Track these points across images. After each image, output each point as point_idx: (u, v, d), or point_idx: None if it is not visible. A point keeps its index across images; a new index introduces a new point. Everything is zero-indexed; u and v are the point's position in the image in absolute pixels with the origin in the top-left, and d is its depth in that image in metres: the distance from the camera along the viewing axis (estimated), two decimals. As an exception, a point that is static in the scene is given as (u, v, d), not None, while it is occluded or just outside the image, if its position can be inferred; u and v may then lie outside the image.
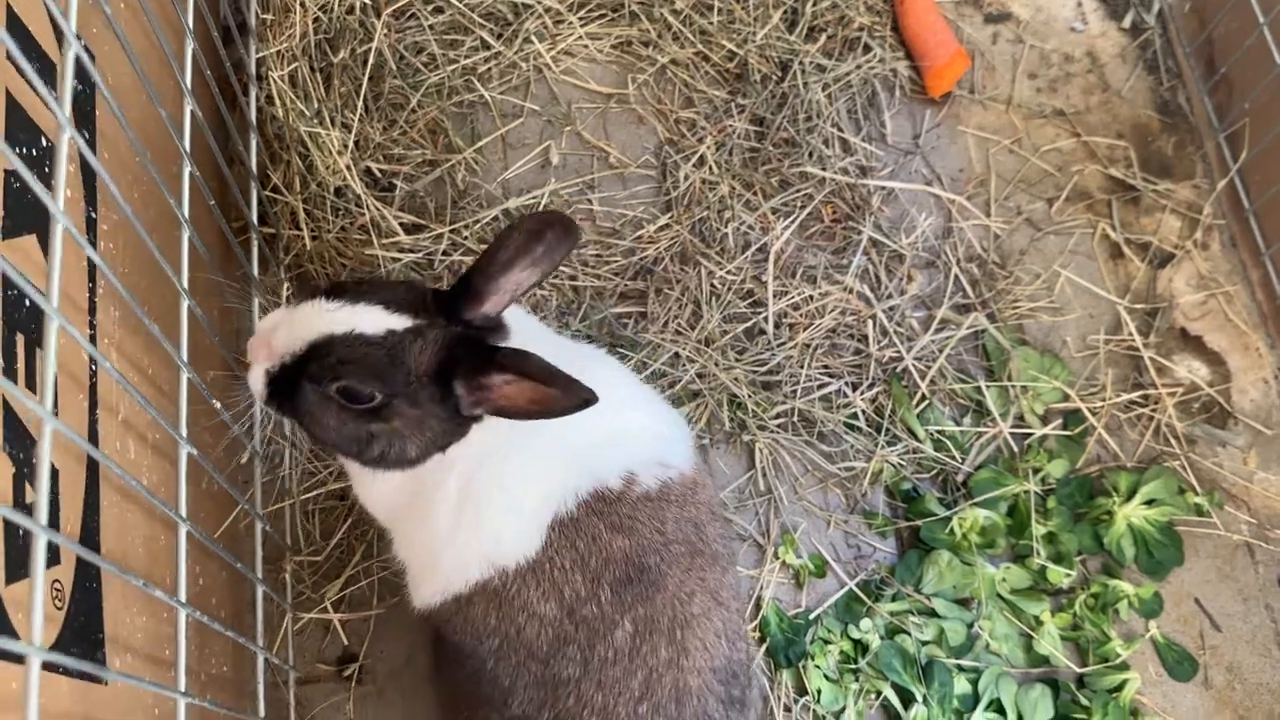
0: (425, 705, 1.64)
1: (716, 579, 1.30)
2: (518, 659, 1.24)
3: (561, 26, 2.07)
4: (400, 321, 1.18)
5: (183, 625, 1.14)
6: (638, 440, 1.32)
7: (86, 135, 1.28)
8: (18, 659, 1.03)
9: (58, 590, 1.11)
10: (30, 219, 1.12)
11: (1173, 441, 1.87)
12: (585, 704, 1.22)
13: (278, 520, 1.72)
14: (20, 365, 1.10)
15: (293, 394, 1.21)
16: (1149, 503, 1.80)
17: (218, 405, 1.34)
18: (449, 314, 1.21)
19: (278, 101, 1.81)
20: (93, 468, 1.24)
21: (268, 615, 1.61)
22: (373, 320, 1.18)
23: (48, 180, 1.12)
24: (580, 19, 2.07)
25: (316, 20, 1.89)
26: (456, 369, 1.19)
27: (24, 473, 1.07)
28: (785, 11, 2.09)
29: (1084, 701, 1.69)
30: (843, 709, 1.67)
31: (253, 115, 1.78)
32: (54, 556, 1.10)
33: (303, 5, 1.87)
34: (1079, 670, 1.72)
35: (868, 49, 2.09)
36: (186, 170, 1.32)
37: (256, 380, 1.24)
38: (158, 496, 1.31)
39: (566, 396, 1.11)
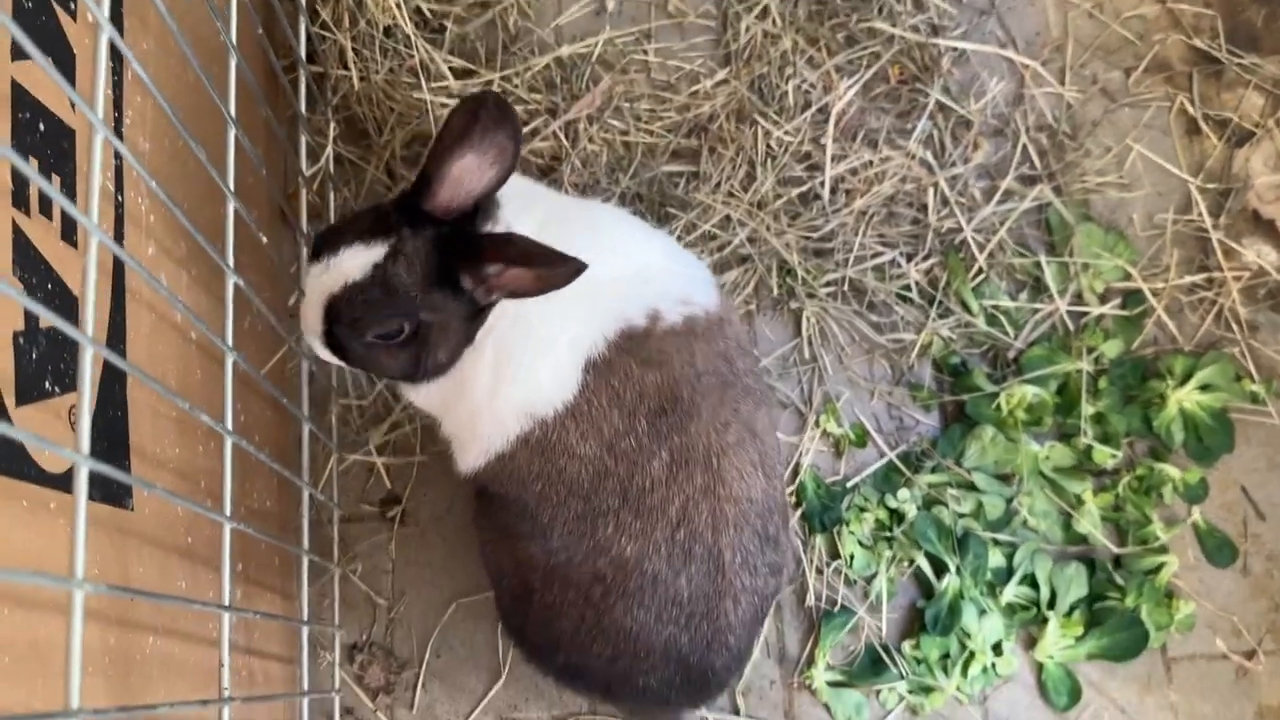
0: (466, 548, 1.67)
1: (750, 411, 1.32)
2: (559, 498, 1.28)
3: None
4: (377, 250, 1.21)
5: (229, 454, 1.15)
6: (659, 279, 1.34)
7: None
8: (46, 479, 1.05)
9: (75, 417, 1.12)
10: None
11: (1234, 327, 1.82)
12: (624, 531, 1.27)
13: (323, 364, 1.72)
14: (33, 191, 1.09)
15: (346, 353, 1.28)
16: (1203, 388, 1.76)
17: (263, 239, 1.33)
18: (414, 219, 1.22)
19: (324, -70, 1.74)
20: (119, 292, 1.23)
21: (312, 456, 1.63)
22: (355, 263, 1.21)
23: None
24: None
25: None
26: (456, 266, 1.21)
27: (36, 298, 1.06)
28: None
29: (1119, 581, 1.69)
30: (874, 575, 1.68)
31: (301, -57, 1.71)
32: (69, 382, 1.10)
33: None
34: (1116, 551, 1.72)
35: (947, -102, 1.97)
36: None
37: (321, 352, 1.31)
38: (197, 329, 1.31)
39: (558, 272, 1.13)
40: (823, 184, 1.82)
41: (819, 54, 1.88)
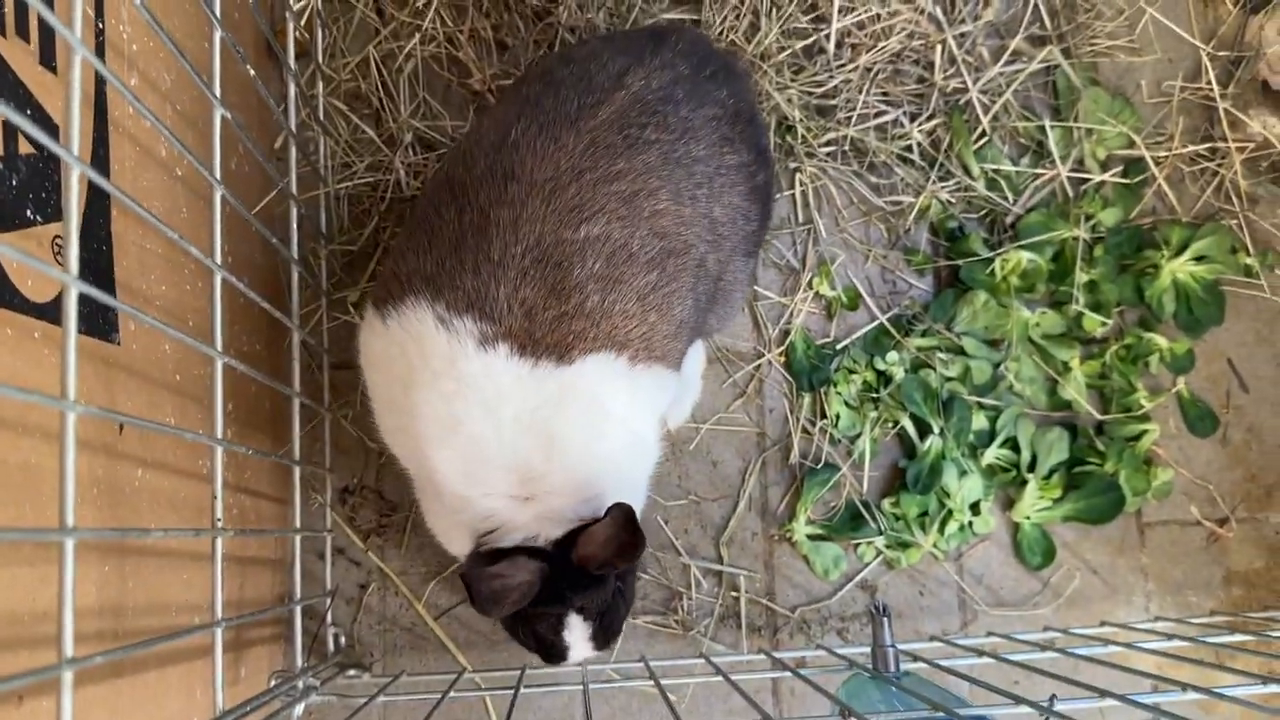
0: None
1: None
2: None
3: None
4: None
5: (218, 289, 1.14)
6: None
7: None
8: (31, 308, 1.04)
9: (58, 248, 1.10)
10: None
11: (1234, 199, 1.80)
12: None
13: (311, 208, 1.70)
14: (9, 8, 1.05)
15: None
16: (1198, 259, 1.76)
17: (251, 72, 1.29)
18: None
19: None
20: (101, 122, 1.20)
21: (302, 303, 1.62)
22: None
23: None
24: None
25: None
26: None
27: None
28: None
29: (1100, 448, 1.71)
30: (858, 434, 1.70)
31: None
32: (51, 212, 1.08)
33: None
34: (1099, 418, 1.74)
35: None
36: None
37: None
38: (183, 165, 1.28)
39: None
40: (828, 37, 1.76)
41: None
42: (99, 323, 1.18)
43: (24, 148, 1.07)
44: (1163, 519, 1.75)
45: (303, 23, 1.68)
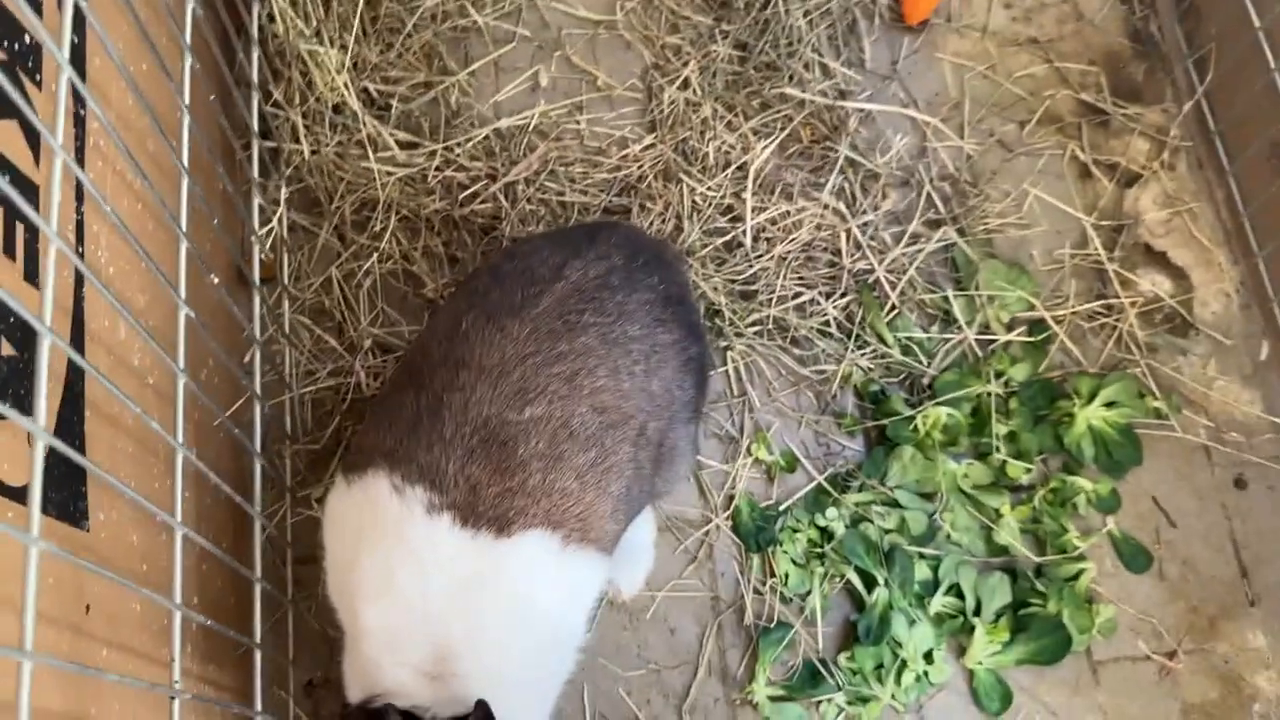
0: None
1: None
2: None
3: (552, -43, 2.16)
4: None
5: (179, 469, 1.24)
6: None
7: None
8: (2, 490, 1.13)
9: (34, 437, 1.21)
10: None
11: (1134, 349, 1.95)
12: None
13: (277, 411, 1.82)
14: None
15: None
16: (1109, 405, 1.88)
17: (214, 279, 1.44)
18: None
19: (278, 19, 1.90)
20: (78, 328, 1.33)
21: (266, 502, 1.71)
22: None
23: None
24: (570, -50, 2.16)
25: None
26: None
27: None
28: (767, -57, 2.17)
29: (1041, 589, 1.77)
30: (808, 591, 1.76)
31: (254, 29, 1.87)
32: (28, 410, 1.19)
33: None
34: (1037, 560, 1.81)
35: (846, -23, 2.17)
36: (187, 64, 1.42)
37: None
38: (155, 372, 1.40)
39: None
40: (744, 233, 1.96)
41: (736, 119, 2.04)
42: (70, 509, 1.28)
43: (6, 349, 1.20)
44: (1113, 656, 1.78)
45: (269, 245, 1.87)
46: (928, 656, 1.73)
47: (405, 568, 1.24)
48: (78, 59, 1.34)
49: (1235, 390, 1.96)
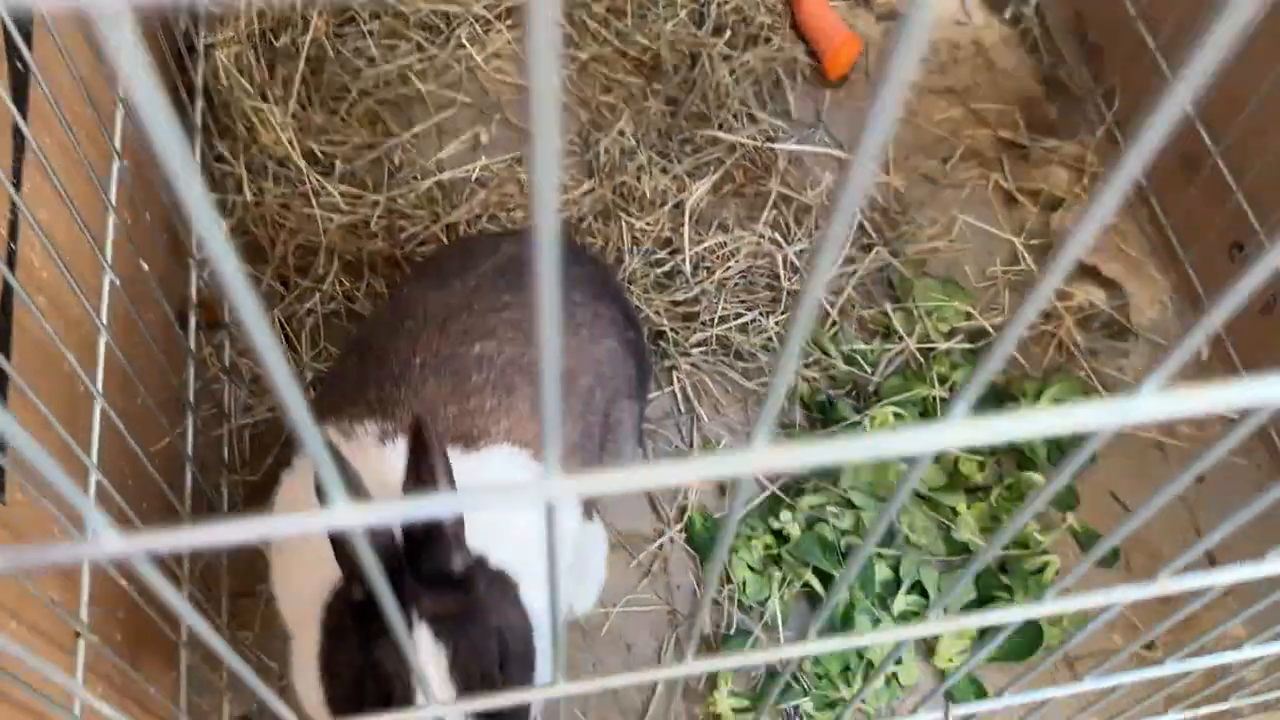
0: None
1: None
2: None
3: (490, 32, 2.28)
4: None
5: (92, 484, 1.22)
6: None
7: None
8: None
9: None
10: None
11: (1076, 354, 1.97)
12: None
13: (215, 444, 1.79)
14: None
15: None
16: (1056, 401, 1.88)
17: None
18: None
19: (223, 75, 1.99)
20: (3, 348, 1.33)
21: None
22: None
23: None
24: (508, 25, 2.29)
25: (261, 14, 2.10)
26: None
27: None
28: (691, 12, 2.31)
29: (1006, 583, 1.72)
30: (767, 597, 1.70)
31: (199, 80, 1.95)
32: None
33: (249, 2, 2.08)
34: (1000, 554, 1.76)
35: (769, 40, 2.30)
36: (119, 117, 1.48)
37: None
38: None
39: None
40: (684, 261, 2.00)
41: (671, 164, 2.12)
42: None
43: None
44: (1089, 650, 1.71)
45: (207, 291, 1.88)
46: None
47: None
48: (19, 98, 1.37)
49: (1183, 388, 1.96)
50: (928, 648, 1.70)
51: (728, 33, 2.29)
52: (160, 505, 1.66)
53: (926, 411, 1.86)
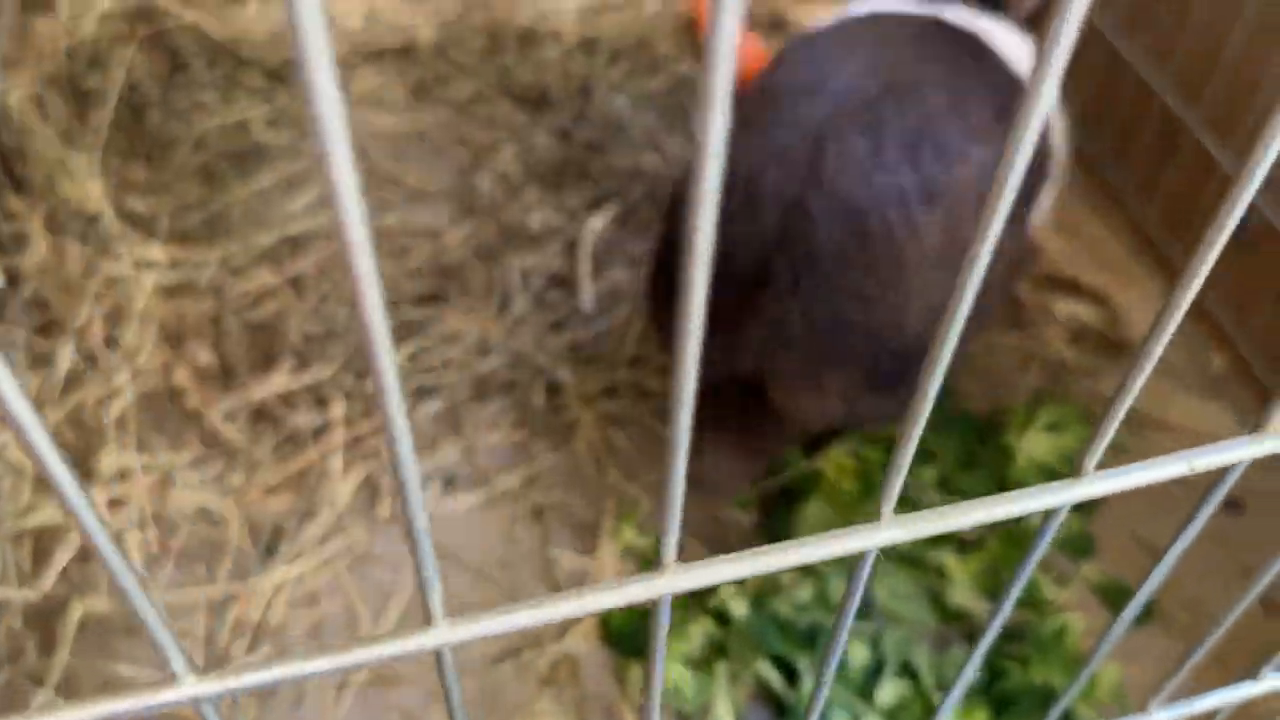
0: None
1: None
2: None
3: (351, 75, 1.99)
4: None
5: None
6: None
7: None
8: None
9: None
10: None
11: (1066, 375, 1.63)
12: None
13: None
14: None
15: None
16: (1050, 428, 1.53)
17: None
18: None
19: (15, 117, 1.65)
20: None
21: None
22: None
23: None
24: (374, 69, 2.00)
25: (72, 52, 1.78)
26: None
27: None
28: (581, 41, 2.05)
29: (1017, 654, 1.32)
30: (713, 700, 1.28)
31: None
32: None
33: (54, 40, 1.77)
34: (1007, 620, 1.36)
35: (669, 64, 2.03)
36: None
37: None
38: None
39: None
40: (583, 299, 1.65)
41: (563, 197, 1.80)
42: None
43: None
44: (1138, 735, 1.30)
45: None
46: (888, 765, 1.24)
47: None
48: None
49: (1196, 405, 1.62)
50: (929, 749, 1.28)
51: (624, 61, 2.02)
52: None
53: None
